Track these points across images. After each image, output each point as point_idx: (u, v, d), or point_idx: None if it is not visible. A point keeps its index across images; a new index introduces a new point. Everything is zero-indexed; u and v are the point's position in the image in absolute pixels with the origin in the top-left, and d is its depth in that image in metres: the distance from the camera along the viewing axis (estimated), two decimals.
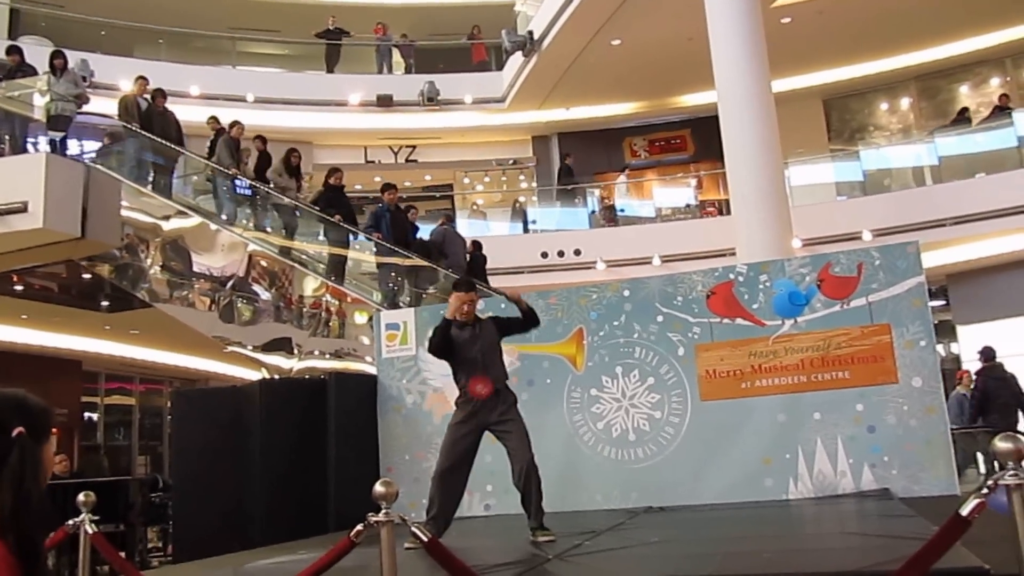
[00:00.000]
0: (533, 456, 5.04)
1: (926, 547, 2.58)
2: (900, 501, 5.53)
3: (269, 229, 11.49)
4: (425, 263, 10.48)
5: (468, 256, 11.60)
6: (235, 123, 12.08)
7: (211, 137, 12.39)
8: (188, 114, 15.66)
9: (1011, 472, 2.41)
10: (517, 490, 5.05)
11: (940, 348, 11.98)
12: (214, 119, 12.85)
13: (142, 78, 11.98)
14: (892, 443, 6.07)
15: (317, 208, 10.76)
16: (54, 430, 1.82)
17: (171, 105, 12.02)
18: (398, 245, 10.34)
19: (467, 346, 5.17)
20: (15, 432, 1.64)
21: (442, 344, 5.19)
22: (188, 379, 17.87)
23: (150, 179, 11.44)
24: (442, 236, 11.39)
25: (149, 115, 11.49)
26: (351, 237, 10.84)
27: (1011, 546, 2.44)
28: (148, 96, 11.76)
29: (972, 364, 13.70)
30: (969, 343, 13.77)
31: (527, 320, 5.38)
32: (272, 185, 11.24)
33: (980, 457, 9.49)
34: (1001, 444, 2.44)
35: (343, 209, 10.66)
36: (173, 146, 11.53)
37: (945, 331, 13.70)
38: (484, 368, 5.13)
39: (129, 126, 11.25)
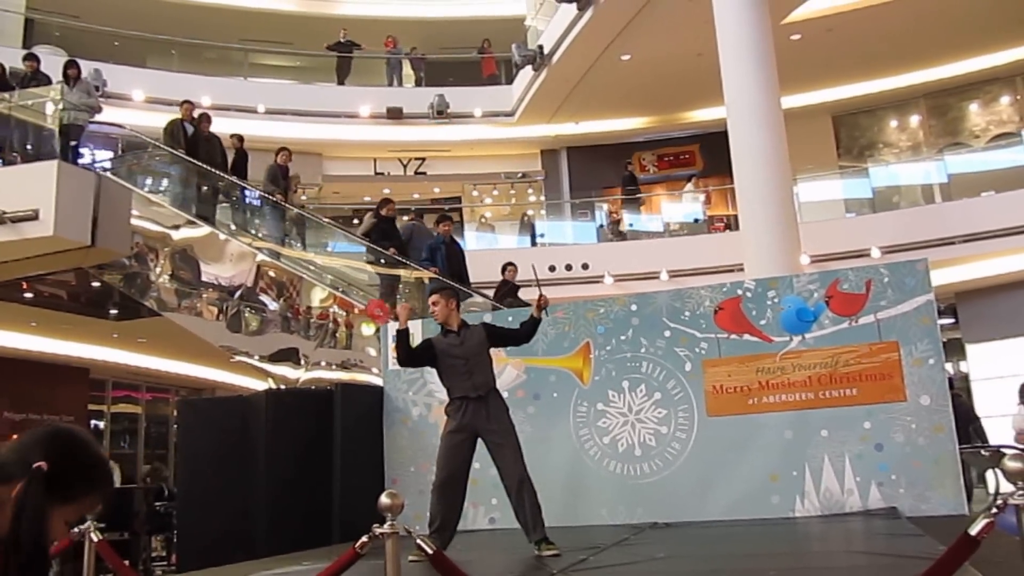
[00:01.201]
0: (526, 469, 5.01)
1: (934, 567, 2.56)
2: (908, 520, 5.49)
3: (313, 254, 11.36)
4: (464, 289, 10.04)
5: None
6: (281, 150, 11.87)
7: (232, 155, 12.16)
8: None
9: (1020, 492, 2.39)
10: (511, 504, 5.02)
11: (949, 366, 11.94)
12: (238, 137, 12.55)
13: (188, 102, 11.71)
14: (900, 461, 6.03)
15: (369, 239, 10.46)
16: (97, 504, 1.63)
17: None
18: (453, 278, 9.92)
19: (450, 351, 5.18)
20: (35, 465, 1.50)
21: (409, 354, 5.21)
22: (195, 388, 17.89)
23: (193, 204, 11.19)
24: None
25: (195, 140, 11.25)
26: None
27: (1021, 566, 2.42)
28: (193, 118, 11.52)
29: (979, 383, 13.67)
30: (978, 361, 13.73)
31: (528, 333, 5.36)
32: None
33: (988, 476, 9.42)
34: (1011, 464, 2.43)
35: (396, 240, 10.39)
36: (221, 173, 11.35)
37: (954, 349, 13.64)
38: (468, 374, 5.11)
39: (175, 152, 11.02)
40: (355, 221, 12.34)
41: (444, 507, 5.03)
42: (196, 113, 11.65)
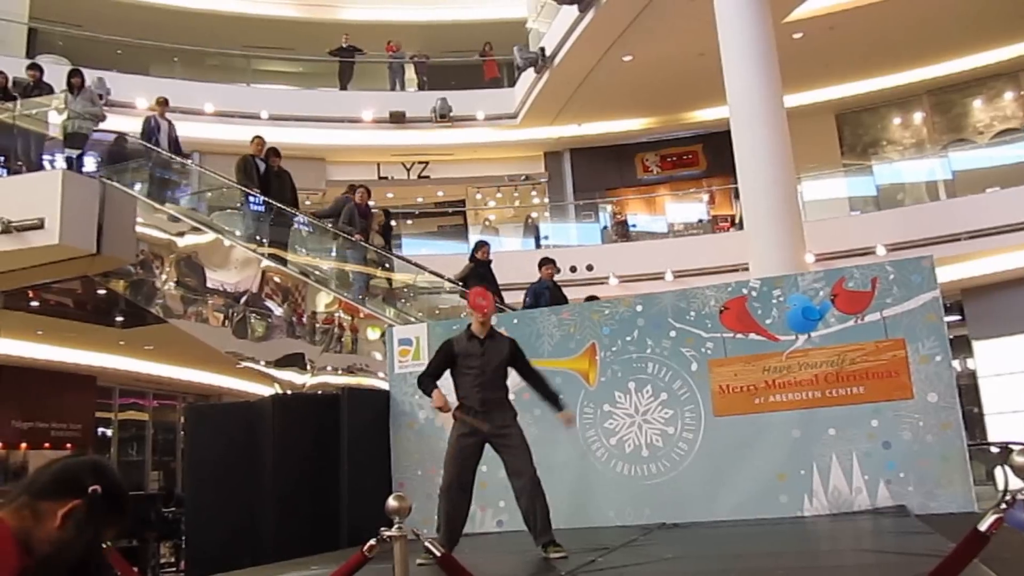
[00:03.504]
0: (536, 471, 4.99)
1: (944, 563, 2.55)
2: (916, 518, 5.48)
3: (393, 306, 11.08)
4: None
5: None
6: (359, 187, 11.35)
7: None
8: (203, 131, 15.80)
9: None
10: (519, 507, 5.00)
11: (955, 363, 11.91)
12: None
13: (259, 138, 11.22)
14: (908, 459, 6.01)
15: (464, 285, 10.04)
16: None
17: (185, 123, 12.07)
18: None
19: (469, 359, 5.14)
20: (91, 488, 1.69)
21: (428, 384, 5.19)
22: (201, 394, 17.93)
23: (266, 240, 10.87)
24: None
25: (267, 177, 10.91)
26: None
27: None
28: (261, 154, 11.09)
29: (986, 380, 13.63)
30: (985, 358, 13.69)
31: (542, 394, 5.38)
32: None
33: (997, 473, 9.39)
34: (1020, 460, 2.42)
35: (492, 285, 9.91)
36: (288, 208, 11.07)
37: (960, 346, 13.61)
38: (480, 386, 5.08)
39: (248, 190, 10.75)
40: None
41: (452, 508, 5.02)
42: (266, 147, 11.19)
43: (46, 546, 1.64)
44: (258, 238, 10.88)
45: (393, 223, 12.04)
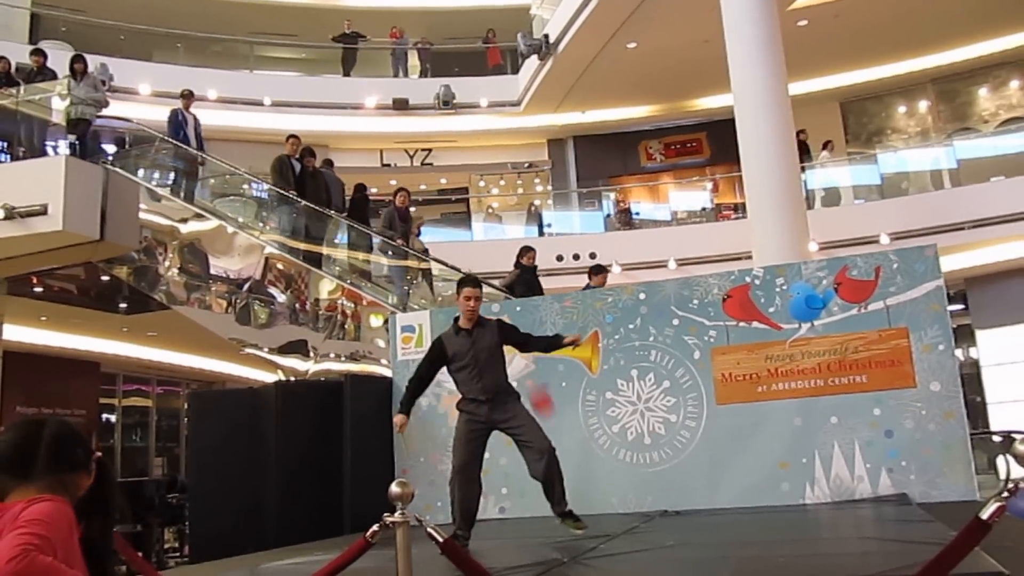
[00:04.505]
0: (550, 443, 5.04)
1: (945, 551, 2.56)
2: (918, 506, 5.49)
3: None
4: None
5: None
6: (400, 191, 11.06)
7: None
8: (206, 118, 15.78)
9: None
10: (537, 480, 5.05)
11: (959, 352, 11.90)
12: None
13: (294, 138, 11.04)
14: (910, 448, 6.02)
15: (512, 293, 9.68)
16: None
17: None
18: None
19: (459, 353, 5.13)
20: (97, 455, 1.91)
21: (421, 386, 5.29)
22: (205, 381, 17.96)
23: (301, 242, 10.69)
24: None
25: (303, 177, 10.73)
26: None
27: None
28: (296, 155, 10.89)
29: (989, 369, 13.63)
30: (988, 347, 13.68)
31: (546, 347, 5.51)
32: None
33: (999, 462, 9.41)
34: (1022, 448, 2.42)
35: (539, 292, 9.57)
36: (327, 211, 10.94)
37: (964, 335, 13.59)
38: (478, 376, 5.08)
39: (284, 191, 10.60)
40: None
41: (465, 491, 5.06)
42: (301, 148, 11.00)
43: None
44: (292, 239, 10.73)
45: (412, 209, 11.78)
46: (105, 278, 11.68)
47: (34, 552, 1.56)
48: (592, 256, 14.55)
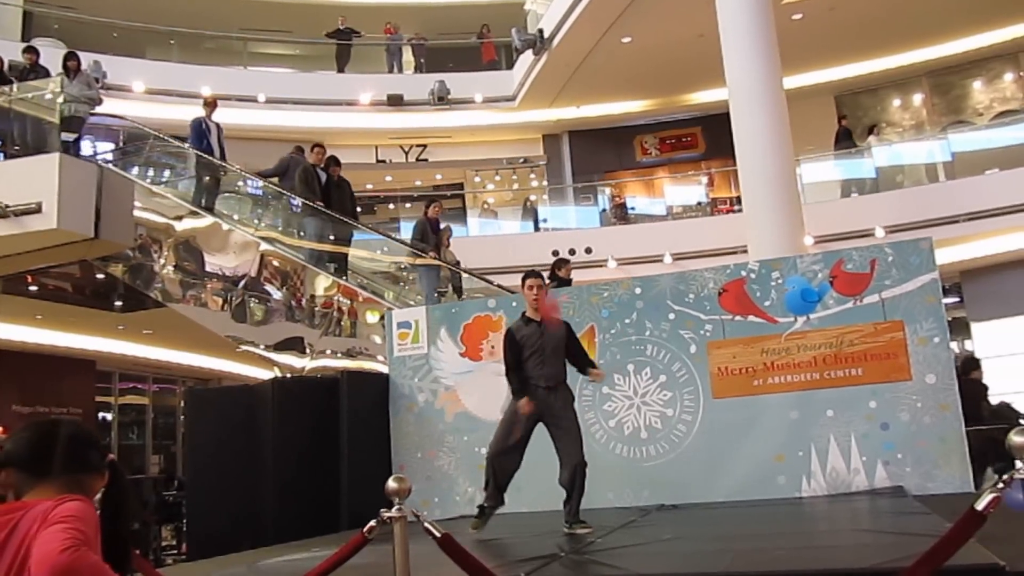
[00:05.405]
0: (584, 457, 5.20)
1: (940, 543, 2.57)
2: (914, 498, 5.51)
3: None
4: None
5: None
6: (432, 202, 10.94)
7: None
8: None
9: None
10: (562, 488, 5.18)
11: (954, 345, 11.92)
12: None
13: (320, 147, 10.88)
14: (906, 440, 6.04)
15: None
16: None
17: (181, 106, 11.95)
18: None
19: (529, 341, 5.35)
20: (110, 457, 1.89)
21: (517, 383, 5.37)
22: (201, 378, 17.96)
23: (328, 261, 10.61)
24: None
25: (328, 187, 10.55)
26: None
27: None
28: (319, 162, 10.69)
29: (985, 362, 13.65)
30: (983, 340, 13.70)
31: (579, 367, 5.61)
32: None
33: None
34: (1017, 439, 2.42)
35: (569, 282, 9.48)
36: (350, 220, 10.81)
37: (959, 328, 13.62)
38: (542, 364, 5.31)
39: (311, 202, 10.40)
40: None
41: (494, 473, 5.34)
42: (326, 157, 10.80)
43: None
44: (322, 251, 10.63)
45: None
46: (100, 276, 11.67)
47: (84, 547, 1.56)
48: (588, 251, 14.56)
